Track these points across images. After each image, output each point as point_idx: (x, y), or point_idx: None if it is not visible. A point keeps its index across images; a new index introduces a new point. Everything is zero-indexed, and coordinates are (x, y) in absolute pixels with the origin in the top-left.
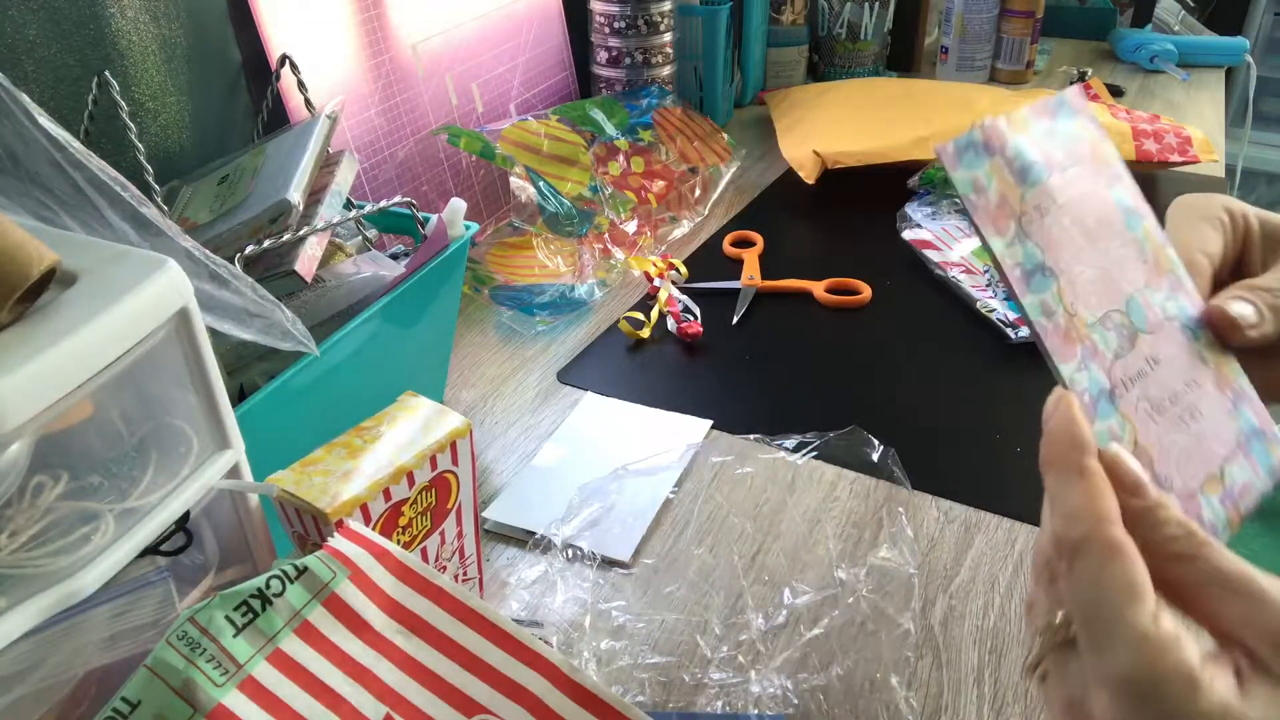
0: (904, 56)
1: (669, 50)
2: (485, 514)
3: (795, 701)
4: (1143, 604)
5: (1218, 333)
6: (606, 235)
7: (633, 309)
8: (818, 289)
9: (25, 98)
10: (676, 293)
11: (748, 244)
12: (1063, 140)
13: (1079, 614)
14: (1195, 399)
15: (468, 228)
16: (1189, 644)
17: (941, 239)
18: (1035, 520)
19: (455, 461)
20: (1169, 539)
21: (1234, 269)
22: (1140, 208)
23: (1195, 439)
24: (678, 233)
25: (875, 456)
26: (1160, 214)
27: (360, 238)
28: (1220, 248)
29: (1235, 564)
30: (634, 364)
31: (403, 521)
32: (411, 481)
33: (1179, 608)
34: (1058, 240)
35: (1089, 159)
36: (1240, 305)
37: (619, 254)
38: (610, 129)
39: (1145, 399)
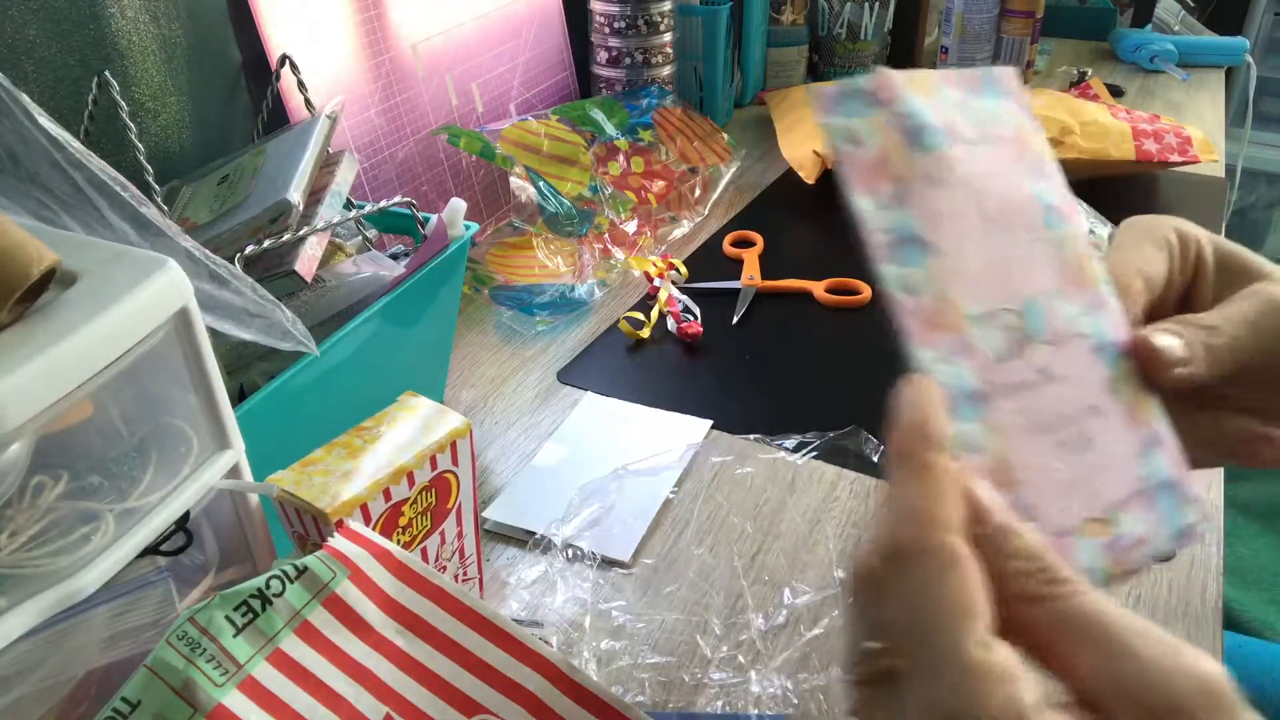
0: (904, 56)
1: (669, 50)
2: (485, 514)
3: (795, 701)
4: (973, 626)
5: (1141, 366)
6: (606, 235)
7: (633, 309)
8: (818, 289)
9: (25, 98)
10: (676, 293)
11: (748, 244)
12: (978, 116)
13: (902, 635)
14: (1092, 430)
15: (468, 228)
16: (1025, 682)
17: None
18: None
19: (455, 461)
20: (1017, 572)
21: (1181, 300)
22: (1066, 211)
23: (1083, 472)
24: (678, 233)
25: (875, 456)
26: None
27: (360, 238)
28: (1164, 273)
29: (1098, 607)
30: (634, 364)
31: (403, 521)
32: (411, 481)
33: (1033, 656)
34: (943, 215)
35: (1009, 142)
36: (1167, 339)
37: (619, 254)
38: (610, 129)
39: (1024, 413)
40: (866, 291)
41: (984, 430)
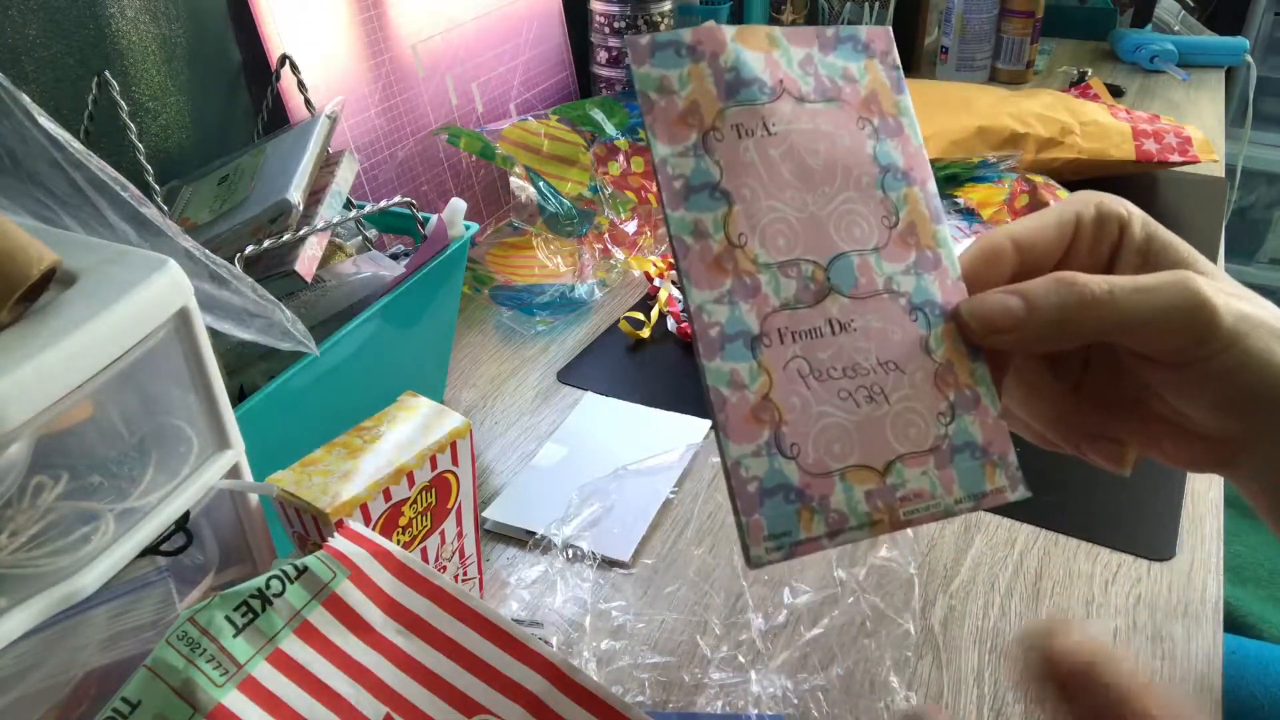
0: (904, 56)
1: None
2: (485, 514)
3: (795, 701)
4: None
5: (959, 326)
6: (606, 235)
7: (633, 309)
8: None
9: (25, 98)
10: (676, 293)
11: None
12: (823, 72)
13: None
14: (886, 383)
15: (468, 228)
16: None
17: None
18: (1036, 520)
19: (455, 461)
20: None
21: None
22: (915, 172)
23: (863, 422)
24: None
25: None
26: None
27: (360, 238)
28: (1052, 241)
29: None
30: (634, 364)
31: (403, 521)
32: (411, 481)
33: None
34: (751, 167)
35: (855, 103)
36: (995, 297)
37: (619, 254)
38: (610, 129)
39: (804, 359)
40: None
41: (754, 369)
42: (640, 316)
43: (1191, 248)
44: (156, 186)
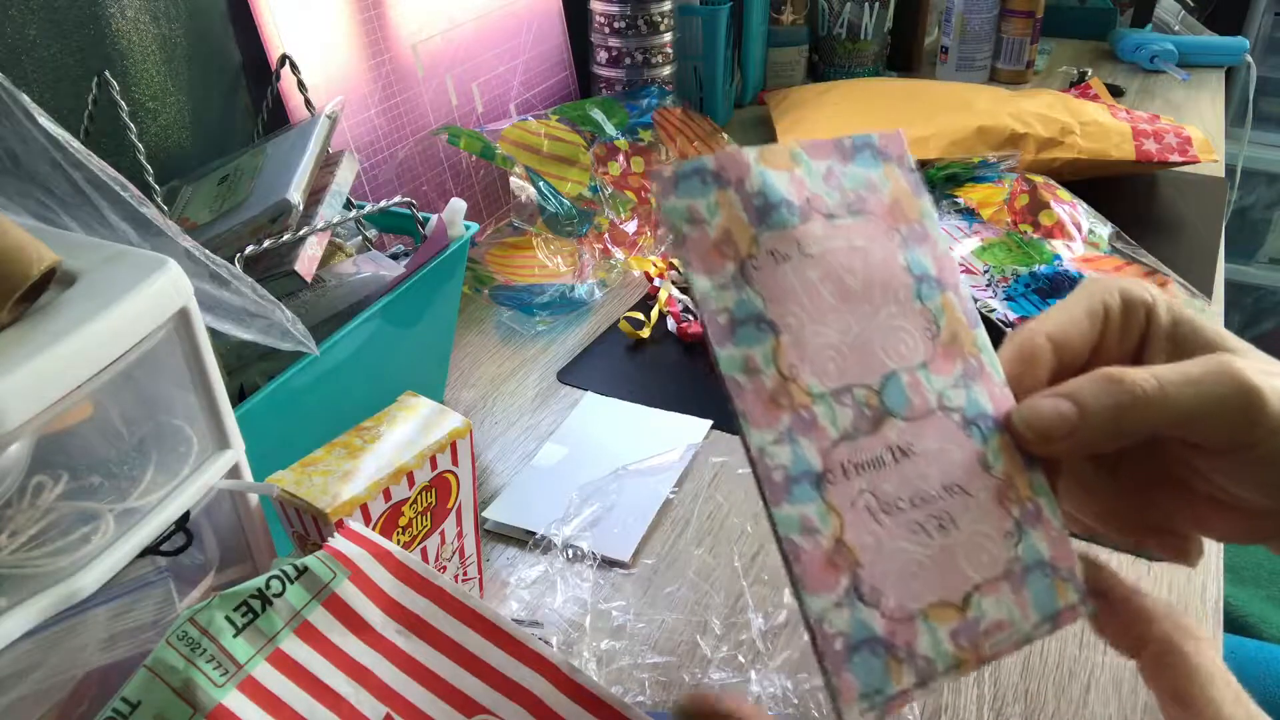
0: (904, 56)
1: (669, 50)
2: (485, 514)
3: (795, 701)
4: None
5: (1014, 437)
6: (606, 235)
7: (633, 309)
8: None
9: (25, 98)
10: (676, 293)
11: None
12: (847, 185)
13: None
14: (954, 508)
15: (468, 228)
16: None
17: None
18: None
19: (455, 461)
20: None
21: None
22: (946, 277)
23: (938, 554)
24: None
25: None
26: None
27: (360, 238)
28: (1086, 335)
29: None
30: (634, 364)
31: (403, 521)
32: (411, 481)
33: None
34: (792, 293)
35: (882, 213)
36: (1048, 404)
37: (619, 254)
38: (610, 129)
39: (872, 493)
40: None
41: (821, 511)
42: (640, 316)
43: (1216, 326)
44: (156, 186)
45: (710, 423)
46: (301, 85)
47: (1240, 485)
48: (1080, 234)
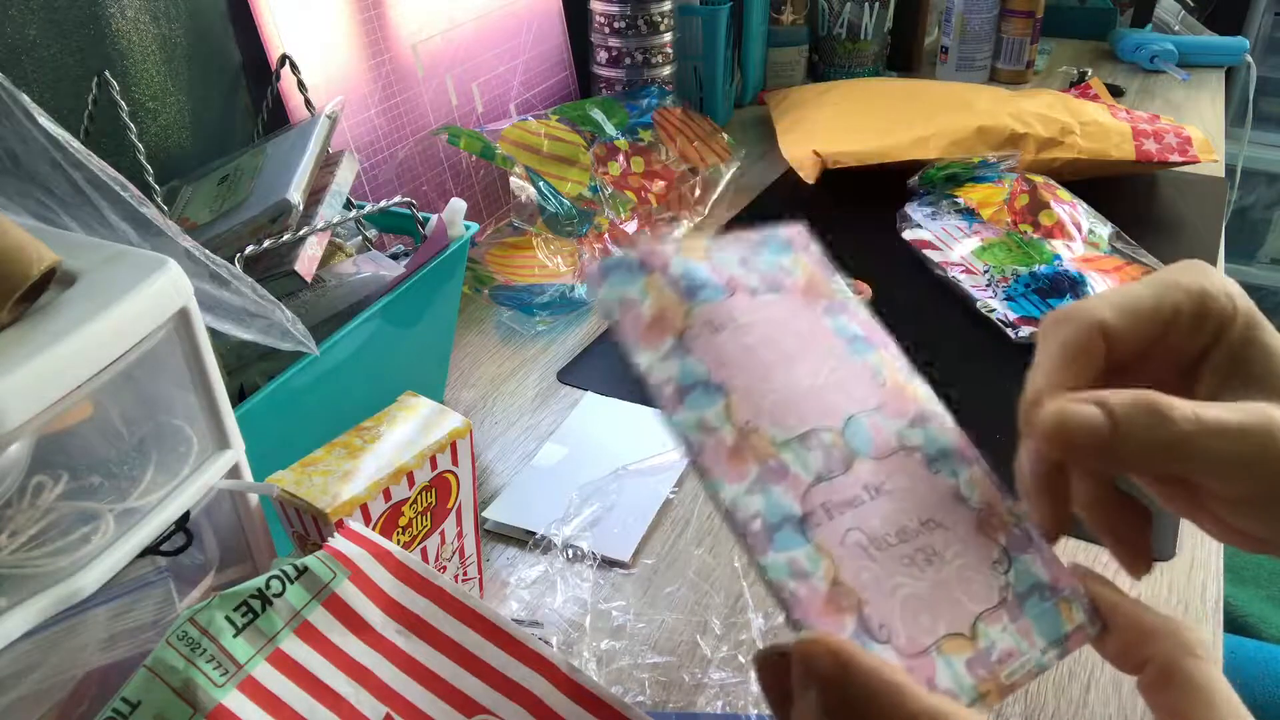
0: (904, 56)
1: (669, 50)
2: (485, 514)
3: None
4: None
5: (1037, 433)
6: (606, 235)
7: None
8: None
9: (25, 98)
10: None
11: None
12: (761, 269)
13: None
14: (936, 542)
15: (468, 228)
16: None
17: (941, 239)
18: None
19: (455, 461)
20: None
21: (1174, 373)
22: (875, 338)
23: (934, 587)
24: (678, 233)
25: None
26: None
27: (360, 238)
28: (1144, 338)
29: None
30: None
31: (403, 521)
32: (411, 481)
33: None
34: (733, 357)
35: (799, 291)
36: (1085, 410)
37: None
38: (610, 129)
39: (859, 529)
40: (867, 291)
41: (810, 553)
42: None
43: None
44: (156, 186)
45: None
46: (301, 85)
47: (1247, 521)
48: (1080, 234)
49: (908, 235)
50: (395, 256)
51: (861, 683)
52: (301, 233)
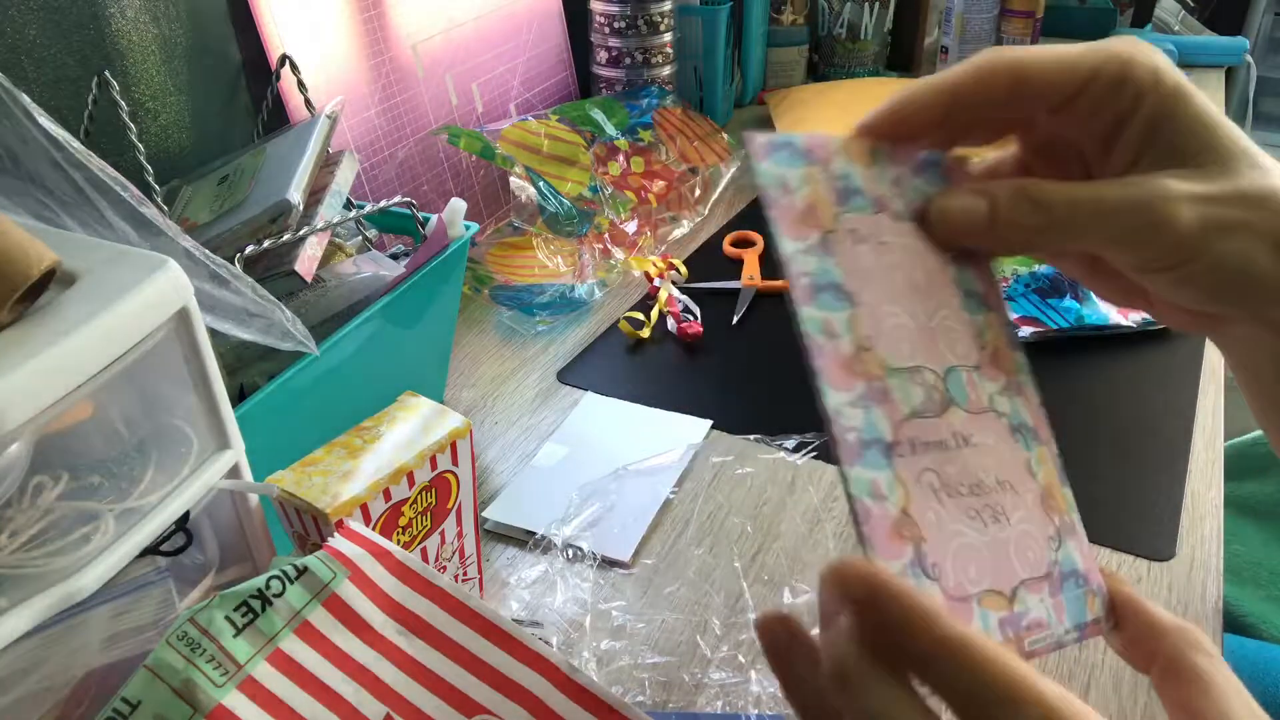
0: (904, 56)
1: (669, 50)
2: (485, 514)
3: None
4: None
5: (927, 227)
6: (606, 235)
7: (633, 309)
8: None
9: (25, 98)
10: (676, 293)
11: (748, 244)
12: (909, 195)
13: None
14: (1006, 503)
15: (468, 228)
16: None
17: None
18: None
19: (455, 461)
20: None
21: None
22: (991, 300)
23: (992, 543)
24: (678, 233)
25: None
26: None
27: (360, 238)
28: (1054, 85)
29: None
30: (634, 364)
31: (403, 521)
32: (411, 481)
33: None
34: (868, 272)
35: None
36: (964, 201)
37: (619, 254)
38: (610, 129)
39: (935, 472)
40: None
41: (890, 480)
42: (640, 316)
43: (1212, 134)
44: (156, 186)
45: (710, 423)
46: (301, 85)
47: (1165, 293)
48: None
49: None
50: (395, 256)
51: (894, 604)
52: (301, 233)
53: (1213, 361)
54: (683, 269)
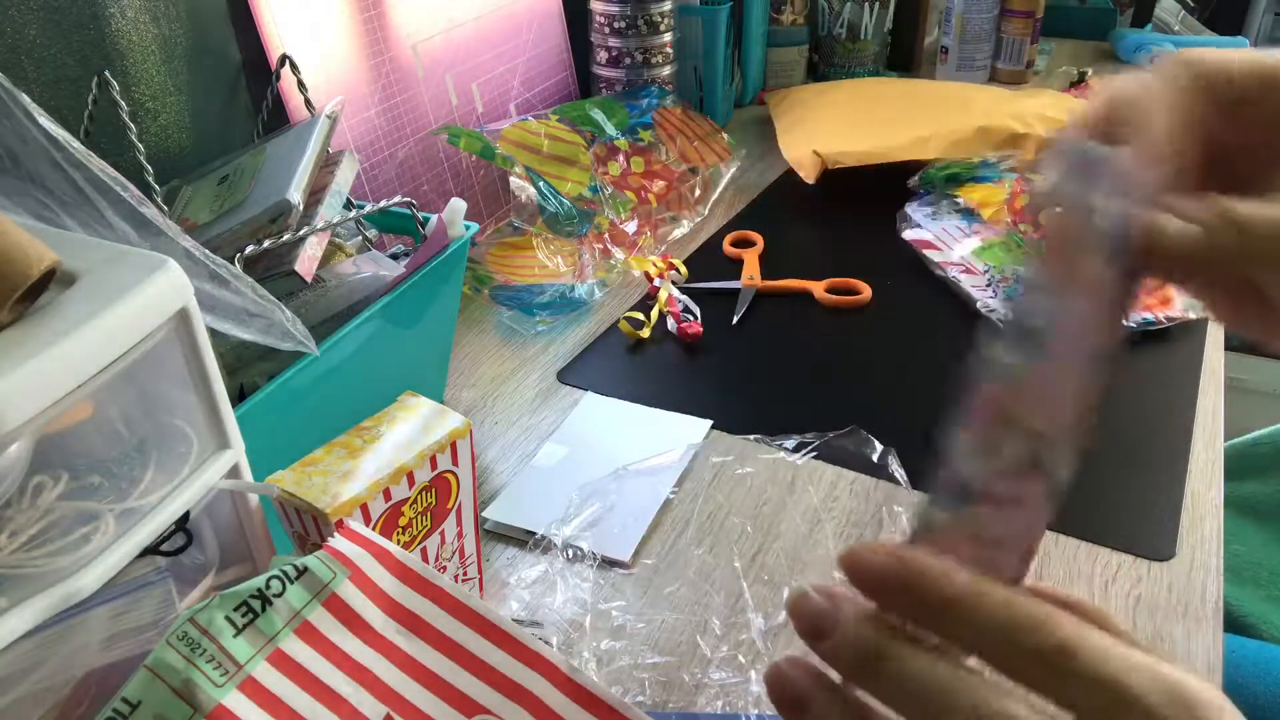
0: (904, 56)
1: (669, 50)
2: (485, 514)
3: None
4: None
5: (1138, 244)
6: (606, 235)
7: (633, 309)
8: (818, 289)
9: (25, 98)
10: (676, 293)
11: (748, 244)
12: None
13: None
14: (999, 562)
15: (468, 228)
16: None
17: (941, 239)
18: None
19: (455, 461)
20: None
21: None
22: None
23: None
24: (678, 233)
25: (875, 456)
26: None
27: (360, 238)
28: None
29: None
30: (634, 364)
31: (403, 521)
32: (411, 481)
33: None
34: (1067, 335)
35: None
36: (1177, 225)
37: (619, 254)
38: (610, 129)
39: (976, 523)
40: (866, 291)
41: (945, 520)
42: (640, 316)
43: None
44: (156, 186)
45: (710, 423)
46: (301, 85)
47: None
48: None
49: (908, 235)
50: (395, 256)
51: (915, 561)
52: (301, 233)
53: (1213, 362)
54: (683, 269)
